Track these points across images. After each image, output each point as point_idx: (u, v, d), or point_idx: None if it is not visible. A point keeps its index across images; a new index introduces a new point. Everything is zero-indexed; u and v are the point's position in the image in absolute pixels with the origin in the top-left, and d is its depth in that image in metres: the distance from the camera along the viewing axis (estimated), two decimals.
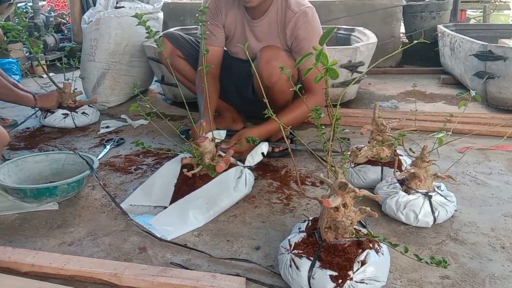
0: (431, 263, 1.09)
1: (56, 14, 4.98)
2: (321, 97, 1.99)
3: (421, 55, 4.09)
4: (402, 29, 4.39)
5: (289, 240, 1.27)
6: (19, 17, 2.53)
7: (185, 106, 1.78)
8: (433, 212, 1.51)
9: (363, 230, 1.26)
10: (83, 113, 2.61)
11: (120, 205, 1.66)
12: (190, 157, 1.72)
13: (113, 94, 3.00)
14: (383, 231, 1.50)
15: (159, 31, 3.17)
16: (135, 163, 2.08)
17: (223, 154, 1.74)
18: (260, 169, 1.96)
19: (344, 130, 2.56)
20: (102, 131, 2.53)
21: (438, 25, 3.76)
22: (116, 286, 1.26)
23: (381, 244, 1.22)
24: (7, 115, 2.76)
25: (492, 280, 1.26)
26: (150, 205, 1.69)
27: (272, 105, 1.37)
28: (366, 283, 1.15)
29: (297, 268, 1.18)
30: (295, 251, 1.21)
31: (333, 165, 1.22)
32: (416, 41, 1.27)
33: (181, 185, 1.70)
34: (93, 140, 2.41)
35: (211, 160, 1.69)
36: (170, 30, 3.06)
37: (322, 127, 1.21)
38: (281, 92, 2.01)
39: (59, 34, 4.62)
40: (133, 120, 2.66)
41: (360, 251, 1.18)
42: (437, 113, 2.69)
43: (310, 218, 1.34)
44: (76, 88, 2.66)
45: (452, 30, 3.53)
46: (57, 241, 1.49)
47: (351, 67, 2.72)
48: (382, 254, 1.21)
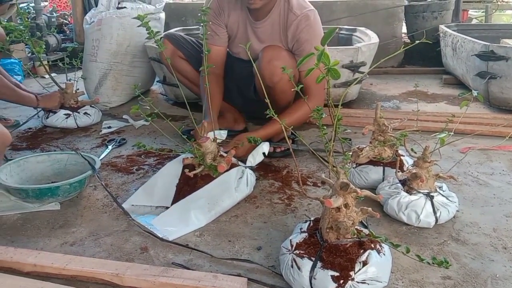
0: (433, 263, 1.09)
1: (58, 14, 4.99)
2: (320, 99, 1.99)
3: (423, 55, 4.09)
4: (404, 29, 4.39)
5: (290, 240, 1.27)
6: (21, 17, 2.54)
7: (187, 106, 1.78)
8: (435, 212, 1.51)
9: (365, 230, 1.26)
10: (85, 113, 2.62)
11: (122, 205, 1.66)
12: (191, 157, 1.72)
13: (115, 94, 3.00)
14: (384, 232, 1.50)
15: (160, 32, 3.17)
16: (137, 163, 2.08)
17: (225, 155, 1.74)
18: (262, 170, 1.96)
19: (345, 131, 2.54)
20: (104, 131, 2.54)
21: (440, 25, 3.76)
22: (117, 286, 1.26)
23: (382, 245, 1.22)
24: (9, 116, 2.77)
25: (494, 281, 1.26)
26: (151, 205, 1.70)
27: (274, 106, 1.36)
28: (368, 284, 1.15)
29: (298, 268, 1.18)
30: (297, 252, 1.21)
31: (334, 166, 1.22)
32: (418, 41, 1.27)
33: (182, 185, 1.70)
34: (95, 140, 2.42)
35: (213, 161, 1.70)
36: (171, 31, 3.07)
37: (324, 127, 1.21)
38: (283, 92, 2.01)
39: (61, 35, 4.62)
40: (135, 121, 2.66)
41: (361, 251, 1.18)
42: (439, 114, 2.69)
43: (312, 219, 1.34)
44: (78, 89, 2.67)
45: (454, 30, 3.52)
46: (59, 241, 1.50)
47: (353, 67, 2.72)
48: (384, 254, 1.21)
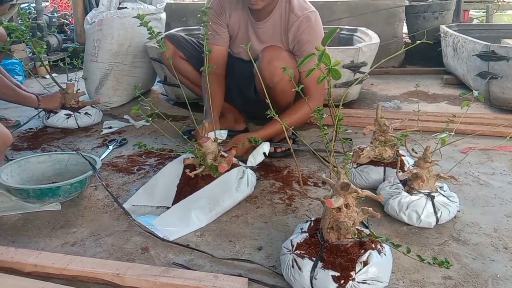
0: (434, 263, 1.09)
1: (59, 15, 4.99)
2: (320, 100, 1.98)
3: (424, 56, 4.09)
4: (404, 30, 4.39)
5: (291, 240, 1.27)
6: (22, 17, 2.54)
7: (188, 106, 1.78)
8: (435, 212, 1.51)
9: (366, 230, 1.26)
10: (86, 113, 2.62)
11: (123, 205, 1.66)
12: (192, 157, 1.72)
13: (115, 94, 3.00)
14: (385, 232, 1.50)
15: (161, 32, 3.17)
16: (138, 164, 2.08)
17: (226, 155, 1.74)
18: (263, 170, 1.96)
19: (346, 131, 2.54)
20: (104, 131, 2.54)
21: (441, 25, 3.75)
22: (118, 286, 1.26)
23: (383, 245, 1.22)
24: (10, 116, 2.77)
25: (495, 281, 1.26)
26: (152, 205, 1.70)
27: (274, 106, 1.36)
28: (369, 284, 1.14)
29: (299, 268, 1.18)
30: (297, 252, 1.21)
31: (335, 166, 1.22)
32: (419, 42, 1.27)
33: (183, 186, 1.70)
34: (95, 140, 2.42)
35: (214, 161, 1.70)
36: (171, 31, 3.07)
37: (325, 127, 1.21)
38: (283, 93, 2.01)
39: (62, 35, 4.63)
40: (136, 121, 2.66)
41: (362, 251, 1.18)
42: (439, 114, 2.69)
43: (312, 219, 1.34)
44: (79, 89, 2.67)
45: (455, 30, 3.52)
46: (59, 241, 1.50)
47: (354, 67, 2.72)
48: (385, 254, 1.21)
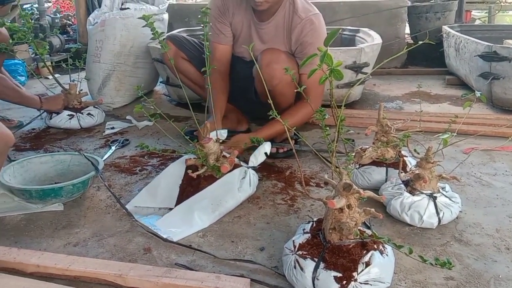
0: (436, 264, 1.09)
1: (61, 15, 5.00)
2: (318, 102, 1.98)
3: (426, 56, 4.09)
4: (407, 30, 4.39)
5: (293, 241, 1.27)
6: (25, 18, 2.54)
7: (189, 107, 1.78)
8: (437, 213, 1.51)
9: (368, 231, 1.26)
10: (89, 114, 2.63)
11: (125, 206, 1.66)
12: (194, 158, 1.73)
13: (118, 95, 3.01)
14: (387, 232, 1.50)
15: (164, 33, 3.17)
16: (140, 164, 2.08)
17: (228, 155, 1.74)
18: (265, 170, 1.96)
19: (348, 131, 2.58)
20: (107, 132, 2.54)
21: (443, 26, 3.75)
22: (120, 287, 1.26)
23: (385, 245, 1.22)
24: (12, 116, 2.77)
25: (497, 282, 1.26)
26: (155, 206, 1.70)
27: (274, 108, 1.37)
28: (371, 284, 1.15)
29: (301, 269, 1.18)
30: (300, 252, 1.22)
31: (337, 166, 1.22)
32: (421, 42, 1.27)
33: (186, 186, 1.70)
34: (98, 141, 2.42)
35: (216, 161, 1.70)
36: (174, 32, 3.07)
37: (327, 128, 1.21)
38: (282, 95, 2.01)
39: (65, 36, 4.63)
40: (138, 121, 2.67)
41: (364, 252, 1.18)
42: (442, 114, 2.68)
43: (315, 219, 1.34)
44: (81, 89, 2.68)
45: (457, 31, 3.51)
46: (62, 242, 1.50)
47: (356, 68, 2.72)
48: (387, 255, 1.21)
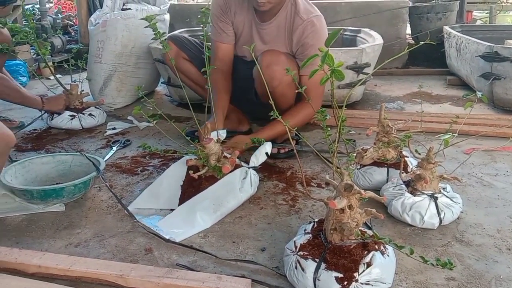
0: (437, 265, 1.09)
1: (63, 16, 5.01)
2: (318, 104, 1.98)
3: (427, 57, 4.09)
4: (408, 31, 4.39)
5: (294, 241, 1.27)
6: (26, 19, 2.55)
7: (190, 107, 1.78)
8: (439, 213, 1.51)
9: (369, 231, 1.26)
10: (90, 114, 2.63)
11: (127, 207, 1.66)
12: (195, 158, 1.73)
13: (119, 95, 3.01)
14: (388, 233, 1.50)
15: (165, 33, 3.18)
16: (141, 165, 2.09)
17: (228, 156, 1.74)
18: (266, 171, 1.96)
19: (350, 132, 2.58)
20: (108, 132, 2.54)
21: (444, 26, 3.75)
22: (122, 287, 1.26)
23: (386, 246, 1.22)
24: (14, 117, 2.78)
25: (498, 282, 1.26)
26: (157, 208, 1.70)
27: (275, 109, 1.37)
28: (372, 285, 1.15)
29: (302, 269, 1.18)
30: (301, 253, 1.22)
31: (338, 167, 1.22)
32: (422, 43, 1.27)
33: (187, 187, 1.71)
34: (99, 141, 2.42)
35: (217, 162, 1.70)
36: (175, 32, 3.08)
37: (328, 128, 1.21)
38: (283, 96, 2.01)
39: (66, 36, 4.64)
40: (140, 122, 2.67)
41: (365, 252, 1.18)
42: (443, 115, 2.68)
43: (316, 220, 1.34)
44: (83, 90, 2.68)
45: (458, 31, 3.51)
46: (63, 242, 1.50)
47: (357, 68, 2.72)
48: (388, 255, 1.21)
